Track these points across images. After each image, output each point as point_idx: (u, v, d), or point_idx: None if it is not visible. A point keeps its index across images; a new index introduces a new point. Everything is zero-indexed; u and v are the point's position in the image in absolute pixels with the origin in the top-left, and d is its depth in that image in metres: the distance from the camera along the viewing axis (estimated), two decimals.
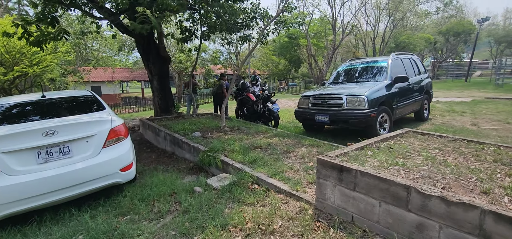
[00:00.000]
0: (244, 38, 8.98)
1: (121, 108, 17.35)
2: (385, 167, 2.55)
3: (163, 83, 8.27)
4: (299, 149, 4.51)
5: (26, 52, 15.84)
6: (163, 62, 8.21)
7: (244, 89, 7.51)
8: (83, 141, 2.99)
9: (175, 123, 6.38)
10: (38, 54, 16.45)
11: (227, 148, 4.50)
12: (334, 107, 5.18)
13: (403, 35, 32.63)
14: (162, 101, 8.32)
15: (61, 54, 17.21)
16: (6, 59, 15.56)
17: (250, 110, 7.22)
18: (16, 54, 15.71)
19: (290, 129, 6.92)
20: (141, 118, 7.09)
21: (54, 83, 15.18)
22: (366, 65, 6.30)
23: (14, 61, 15.56)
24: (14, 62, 15.60)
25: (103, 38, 19.14)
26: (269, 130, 5.84)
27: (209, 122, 6.55)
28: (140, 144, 6.35)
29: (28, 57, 15.92)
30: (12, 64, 15.46)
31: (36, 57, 16.30)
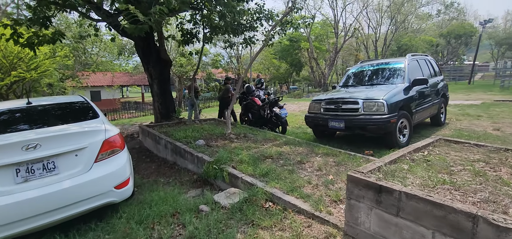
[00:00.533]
0: (248, 40, 8.60)
1: (120, 114, 16.94)
2: (430, 186, 2.13)
3: (163, 87, 7.86)
4: (314, 159, 4.09)
5: (24, 57, 15.48)
6: (163, 65, 7.81)
7: (249, 94, 7.10)
8: (71, 155, 2.57)
9: (176, 130, 5.97)
10: (36, 59, 16.08)
11: (235, 158, 4.08)
12: (349, 113, 4.77)
13: (405, 38, 32.37)
14: (163, 107, 7.91)
15: (60, 59, 16.87)
16: (4, 64, 15.17)
17: (255, 116, 6.81)
18: (13, 59, 15.36)
19: (299, 135, 6.51)
20: (140, 125, 6.68)
21: (52, 88, 14.79)
22: (379, 67, 5.91)
23: (11, 66, 15.20)
24: (12, 67, 15.25)
25: (102, 42, 18.80)
26: (278, 137, 5.43)
27: (213, 128, 6.14)
28: (139, 153, 5.93)
29: (26, 62, 15.56)
30: (9, 69, 15.10)
31: (34, 62, 15.94)
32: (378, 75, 5.77)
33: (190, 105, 9.16)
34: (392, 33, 31.41)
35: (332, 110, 5.01)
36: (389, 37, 31.38)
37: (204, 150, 4.52)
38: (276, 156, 4.20)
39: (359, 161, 3.96)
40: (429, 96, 5.78)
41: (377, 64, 6.02)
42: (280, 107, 6.20)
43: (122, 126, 12.34)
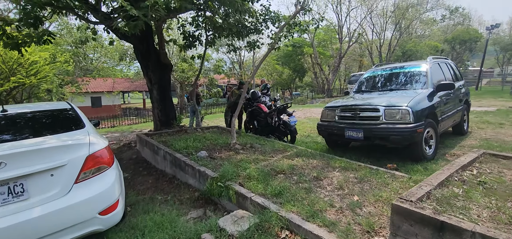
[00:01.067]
0: (253, 44, 8.17)
1: (120, 120, 16.53)
2: (505, 221, 1.63)
3: (163, 93, 7.42)
4: (332, 174, 3.59)
5: (24, 62, 15.19)
6: (164, 70, 7.38)
7: (254, 100, 6.64)
8: (45, 175, 2.10)
9: (176, 139, 5.49)
10: (36, 64, 15.81)
11: (242, 174, 3.59)
12: (369, 121, 4.27)
13: (409, 43, 31.95)
14: (163, 114, 7.46)
15: (60, 64, 16.56)
16: (3, 70, 14.82)
17: (262, 124, 6.33)
18: (13, 65, 15.06)
19: (309, 144, 6.01)
20: (138, 133, 6.21)
21: (51, 94, 14.42)
22: (397, 71, 5.42)
23: (10, 72, 14.89)
24: (11, 72, 14.93)
25: (103, 47, 18.50)
26: (288, 147, 4.94)
27: (216, 137, 5.66)
28: (136, 164, 5.45)
29: (26, 68, 15.26)
30: (8, 75, 14.78)
31: (33, 68, 15.65)
32: (397, 80, 5.28)
33: (192, 112, 8.70)
34: (396, 39, 31.00)
35: (349, 119, 4.51)
36: (393, 43, 30.97)
37: (207, 163, 4.03)
38: (288, 170, 3.70)
39: (383, 177, 3.45)
40: (453, 103, 5.28)
41: (394, 68, 5.54)
42: (289, 114, 5.71)
43: (121, 133, 11.90)
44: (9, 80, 14.70)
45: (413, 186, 3.18)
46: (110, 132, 12.57)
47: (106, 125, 15.75)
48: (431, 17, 33.90)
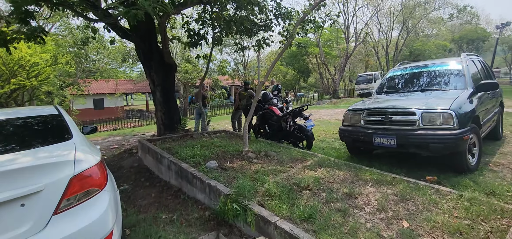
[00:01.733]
0: (262, 42, 7.65)
1: (123, 122, 16.09)
2: None
3: (167, 95, 6.92)
4: (365, 190, 3.05)
5: (25, 64, 14.83)
6: (167, 70, 6.89)
7: (265, 102, 6.11)
8: (13, 205, 1.58)
9: (182, 145, 4.98)
10: (37, 66, 15.44)
11: (260, 189, 3.06)
12: (403, 127, 3.72)
13: (417, 43, 31.27)
14: (166, 117, 6.96)
15: (62, 66, 16.18)
16: (3, 72, 14.43)
17: (274, 128, 5.79)
18: (14, 66, 14.70)
19: (327, 151, 5.46)
20: (140, 139, 5.70)
21: (51, 96, 14.03)
22: (427, 70, 4.86)
23: (11, 74, 14.52)
24: (12, 74, 14.57)
25: (105, 48, 18.10)
26: (306, 155, 4.39)
27: (225, 143, 5.13)
28: (137, 173, 4.94)
29: (26, 69, 14.90)
30: (9, 77, 14.42)
31: (34, 69, 15.28)
32: (427, 80, 4.72)
33: (198, 115, 8.19)
34: (402, 38, 30.31)
35: (378, 123, 3.96)
36: (400, 42, 30.30)
37: (218, 175, 3.51)
38: (314, 185, 3.16)
39: (427, 193, 2.91)
40: (491, 104, 4.71)
41: (422, 67, 4.98)
42: (306, 118, 5.17)
43: (123, 137, 11.45)
44: (9, 83, 14.35)
45: (468, 206, 2.64)
46: (112, 135, 12.12)
47: (108, 127, 15.33)
48: (439, 16, 33.17)
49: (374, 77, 23.00)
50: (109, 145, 9.86)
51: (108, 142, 10.57)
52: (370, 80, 23.11)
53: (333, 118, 11.36)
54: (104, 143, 10.33)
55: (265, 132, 6.22)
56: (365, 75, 24.37)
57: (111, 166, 5.58)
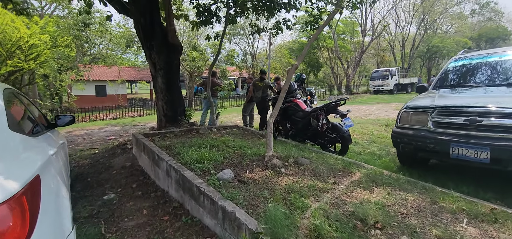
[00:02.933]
0: (283, 23, 6.54)
1: (124, 111, 15.15)
2: None
3: (170, 81, 5.88)
4: (462, 230, 1.97)
5: (23, 45, 13.92)
6: (171, 51, 5.83)
7: (289, 94, 5.03)
8: None
9: (186, 144, 3.95)
10: (37, 48, 14.53)
11: (302, 223, 2.01)
12: (502, 134, 2.62)
13: (435, 39, 29.64)
14: (169, 107, 5.93)
15: (62, 48, 15.23)
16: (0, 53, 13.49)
17: (298, 125, 4.71)
18: (12, 47, 13.80)
19: (367, 158, 4.36)
20: (135, 134, 4.67)
21: (47, 80, 13.13)
22: (507, 58, 3.71)
23: (8, 55, 13.64)
24: (8, 55, 13.69)
25: (107, 31, 17.07)
26: (348, 165, 3.32)
27: (240, 143, 4.08)
28: (129, 176, 3.93)
29: (25, 51, 13.99)
30: (5, 58, 13.54)
31: (33, 51, 14.37)
32: (507, 71, 3.58)
33: (206, 106, 7.15)
34: (420, 34, 28.73)
35: (459, 128, 2.86)
36: (417, 38, 28.74)
37: (235, 193, 2.46)
38: (382, 218, 2.09)
39: None
40: None
41: (503, 53, 3.82)
42: (343, 115, 4.07)
43: (122, 127, 10.49)
44: (6, 65, 13.48)
45: None
46: (111, 125, 11.18)
47: (109, 116, 14.42)
48: (459, 12, 31.40)
49: (391, 73, 21.66)
50: (106, 135, 8.91)
51: (105, 131, 9.62)
52: (386, 77, 21.79)
53: (356, 116, 10.22)
54: (101, 133, 9.38)
55: (286, 129, 5.15)
56: (381, 71, 23.04)
57: (98, 165, 4.59)
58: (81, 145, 7.56)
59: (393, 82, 21.43)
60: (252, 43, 27.48)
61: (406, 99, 4.63)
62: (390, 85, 21.27)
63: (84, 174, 4.24)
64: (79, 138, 8.69)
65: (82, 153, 6.07)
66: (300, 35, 29.17)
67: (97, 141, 8.06)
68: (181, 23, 13.55)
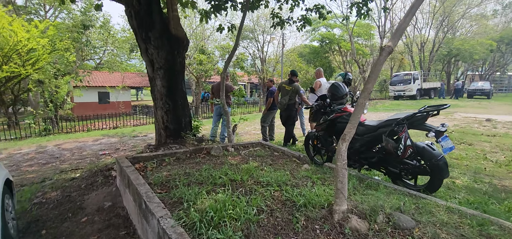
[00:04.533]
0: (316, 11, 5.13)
1: (125, 119, 13.88)
2: None
3: (173, 84, 4.50)
4: None
5: (21, 49, 12.88)
6: (174, 45, 4.46)
7: (335, 100, 3.56)
8: None
9: (192, 179, 2.53)
10: (35, 52, 13.47)
11: None
12: None
13: (456, 41, 27.81)
14: (171, 118, 4.53)
15: (61, 53, 14.14)
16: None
17: (354, 145, 3.22)
18: (9, 52, 12.76)
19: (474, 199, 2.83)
20: (119, 159, 3.22)
21: (42, 86, 11.95)
22: None
23: (5, 60, 12.60)
24: (5, 60, 12.65)
25: (109, 34, 15.95)
26: (485, 226, 1.82)
27: (277, 176, 2.61)
28: (103, 230, 2.50)
29: (23, 56, 12.94)
30: (1, 64, 12.50)
31: (32, 56, 13.32)
32: None
33: (217, 116, 5.73)
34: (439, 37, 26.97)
35: None
36: (437, 40, 26.99)
37: None
38: None
39: None
40: None
41: None
42: (439, 133, 2.56)
43: (120, 138, 9.16)
44: (2, 70, 12.41)
45: None
46: (108, 135, 9.86)
47: (109, 125, 13.17)
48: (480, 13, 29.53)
49: (413, 77, 19.98)
50: (99, 149, 7.58)
51: (99, 144, 8.30)
52: (408, 81, 20.10)
53: None
54: (94, 145, 8.05)
55: (330, 149, 3.66)
56: (402, 75, 21.37)
57: (67, 202, 3.19)
58: (67, 163, 6.23)
59: (416, 87, 19.73)
60: (261, 47, 26.14)
61: None
62: (413, 90, 19.58)
63: (41, 220, 2.84)
64: (68, 152, 7.36)
65: (60, 177, 4.71)
66: (313, 38, 27.75)
67: (87, 156, 6.73)
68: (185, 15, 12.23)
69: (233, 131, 4.43)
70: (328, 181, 2.61)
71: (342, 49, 25.35)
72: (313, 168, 3.11)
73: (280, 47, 27.52)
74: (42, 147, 8.16)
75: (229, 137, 4.25)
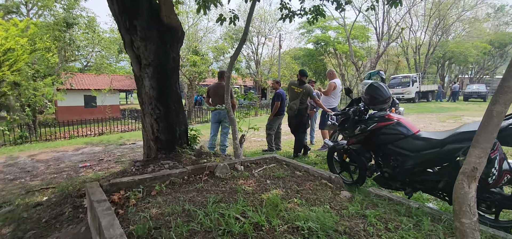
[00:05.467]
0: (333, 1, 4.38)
1: (112, 125, 12.81)
2: None
3: (165, 84, 3.64)
4: None
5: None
6: (166, 37, 3.61)
7: (377, 103, 2.79)
8: None
9: (194, 220, 1.69)
10: (13, 53, 12.31)
11: None
12: None
13: (451, 44, 27.75)
14: (162, 126, 3.66)
15: (42, 52, 12.98)
16: None
17: (405, 165, 2.44)
18: None
19: None
20: (89, 188, 2.33)
21: (18, 89, 10.80)
22: None
23: None
24: None
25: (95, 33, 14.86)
26: None
27: (314, 215, 1.79)
28: None
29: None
30: None
31: (9, 57, 12.15)
32: None
33: (215, 123, 4.89)
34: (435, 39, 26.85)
35: None
36: (433, 43, 26.86)
37: None
38: None
39: None
40: None
41: None
42: None
43: (105, 146, 8.17)
44: None
45: None
46: (92, 143, 8.84)
47: (94, 131, 12.10)
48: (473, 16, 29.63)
49: (411, 80, 19.58)
50: (80, 159, 6.63)
51: (81, 154, 7.32)
52: (407, 84, 19.71)
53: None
54: (75, 156, 7.07)
55: (367, 169, 2.88)
56: (400, 77, 20.99)
57: None
58: (39, 178, 5.28)
59: (415, 89, 19.36)
60: (256, 50, 25.39)
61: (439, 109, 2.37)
62: (412, 93, 19.19)
63: None
64: (42, 165, 6.36)
65: (23, 201, 3.77)
66: (308, 40, 27.21)
67: (64, 170, 5.78)
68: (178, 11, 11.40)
69: (241, 143, 3.59)
70: (392, 222, 1.81)
71: (338, 52, 24.89)
72: (358, 197, 2.31)
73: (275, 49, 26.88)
74: (13, 158, 7.12)
75: (235, 151, 3.41)
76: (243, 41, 3.46)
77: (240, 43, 3.46)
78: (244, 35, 3.41)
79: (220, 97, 4.71)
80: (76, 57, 15.15)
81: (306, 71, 4.96)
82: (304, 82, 4.81)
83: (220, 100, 4.75)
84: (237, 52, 3.55)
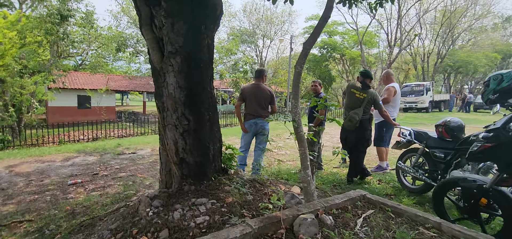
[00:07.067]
0: None
1: (109, 128, 11.50)
2: None
3: (197, 82, 2.47)
4: None
5: None
6: (201, 14, 2.44)
7: None
8: None
9: None
10: (1, 46, 11.01)
11: None
12: None
13: (461, 53, 27.10)
14: (191, 142, 2.47)
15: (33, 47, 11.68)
16: None
17: None
18: None
19: None
20: None
21: (2, 86, 9.48)
22: None
23: None
24: None
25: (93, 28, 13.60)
26: None
27: None
28: None
29: None
30: None
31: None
32: None
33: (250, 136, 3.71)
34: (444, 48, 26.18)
35: None
36: (442, 52, 26.18)
37: None
38: None
39: None
40: None
41: None
42: None
43: (101, 155, 6.91)
44: None
45: None
46: (85, 151, 7.55)
47: (88, 135, 10.79)
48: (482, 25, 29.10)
49: (425, 88, 18.67)
50: (70, 173, 5.40)
51: (71, 165, 6.06)
52: (420, 92, 18.78)
53: None
54: (63, 167, 5.83)
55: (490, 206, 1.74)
56: (412, 85, 20.07)
57: None
58: (14, 200, 4.08)
59: (428, 98, 18.44)
60: (260, 52, 24.40)
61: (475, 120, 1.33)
62: (425, 102, 18.25)
63: None
64: (22, 179, 5.10)
65: None
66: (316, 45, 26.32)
67: (49, 188, 4.55)
68: None
69: (318, 158, 2.40)
70: None
71: (344, 57, 23.99)
72: None
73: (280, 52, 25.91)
74: None
75: (306, 188, 2.22)
76: (325, 18, 2.26)
77: (322, 19, 2.26)
78: (327, 10, 2.25)
79: (260, 102, 3.56)
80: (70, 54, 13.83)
81: (370, 73, 3.82)
82: (369, 87, 3.68)
83: (259, 106, 3.59)
84: (315, 36, 2.31)
